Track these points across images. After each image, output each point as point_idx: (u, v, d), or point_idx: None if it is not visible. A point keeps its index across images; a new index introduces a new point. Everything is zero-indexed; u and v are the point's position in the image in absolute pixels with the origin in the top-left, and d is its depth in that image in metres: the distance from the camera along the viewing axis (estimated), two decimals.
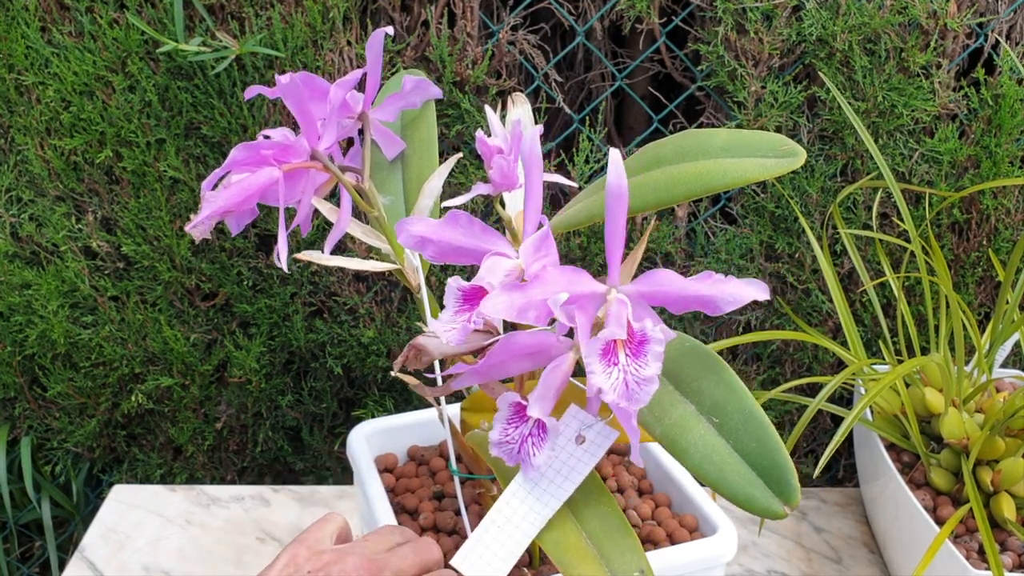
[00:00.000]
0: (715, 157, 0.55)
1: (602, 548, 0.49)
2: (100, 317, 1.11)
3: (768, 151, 0.54)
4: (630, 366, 0.44)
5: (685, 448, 0.47)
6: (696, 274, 0.48)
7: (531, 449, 0.48)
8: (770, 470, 0.46)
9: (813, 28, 0.98)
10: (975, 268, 1.09)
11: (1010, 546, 0.83)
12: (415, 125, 0.71)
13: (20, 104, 1.03)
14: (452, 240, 0.51)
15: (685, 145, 0.58)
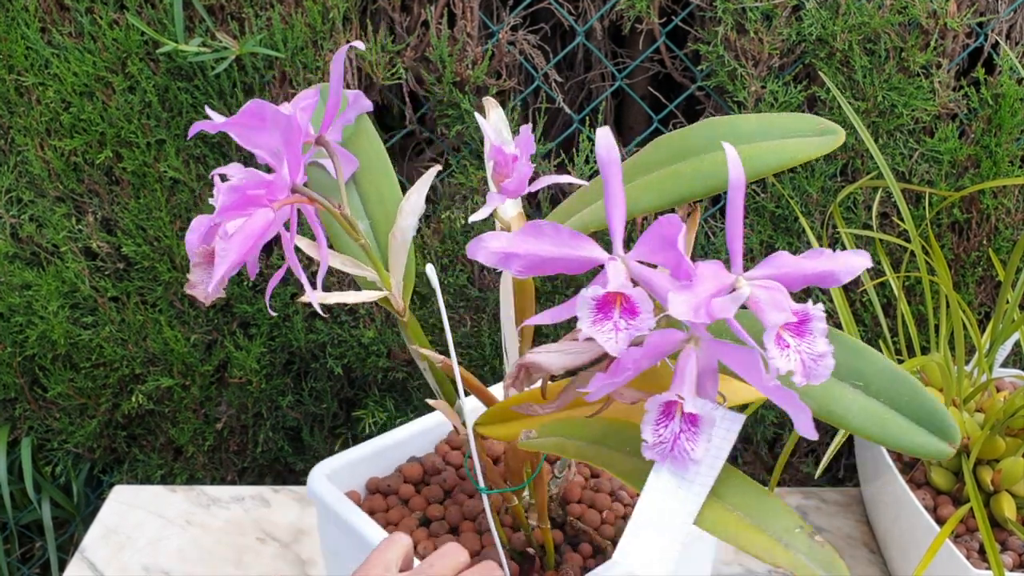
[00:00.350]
0: (751, 142, 0.55)
1: (755, 517, 0.50)
2: (100, 318, 1.11)
3: (805, 131, 0.54)
4: (801, 346, 0.45)
5: (843, 415, 0.50)
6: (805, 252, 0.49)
7: (686, 444, 0.48)
8: (928, 418, 0.50)
9: (813, 28, 0.98)
10: (975, 268, 1.09)
11: (1010, 546, 0.83)
12: (356, 141, 0.67)
13: (20, 105, 1.03)
14: (541, 251, 0.49)
15: (714, 133, 0.57)
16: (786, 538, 0.48)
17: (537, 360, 0.51)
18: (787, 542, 0.48)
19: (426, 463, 0.80)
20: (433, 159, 1.14)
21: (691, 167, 0.56)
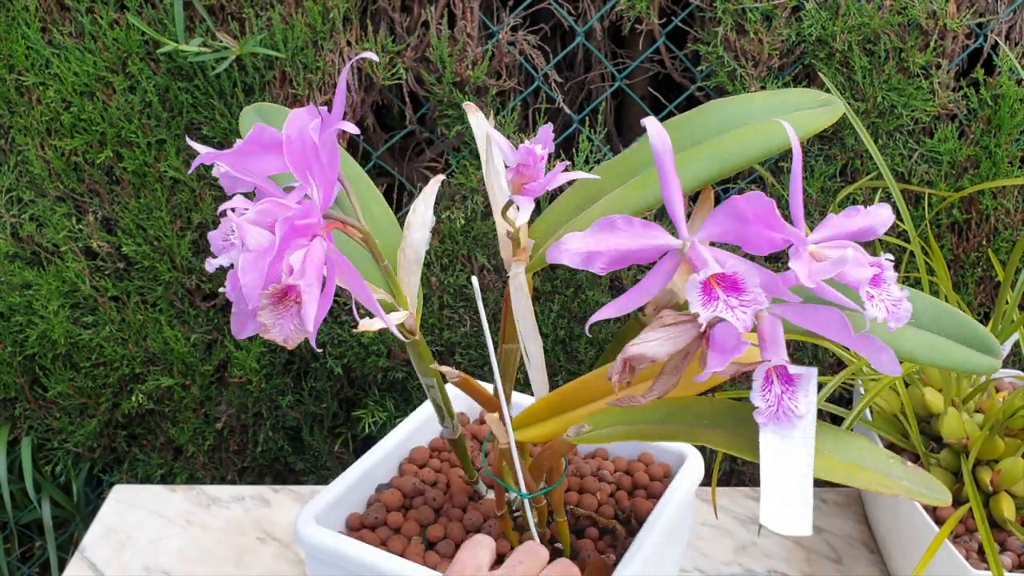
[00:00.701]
0: (765, 117, 0.58)
1: (854, 457, 0.54)
2: (101, 317, 1.11)
3: (809, 104, 0.58)
4: (883, 294, 0.50)
5: (911, 351, 0.55)
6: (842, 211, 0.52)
7: (789, 403, 0.51)
8: (974, 338, 0.55)
9: (813, 28, 0.98)
10: (975, 268, 1.09)
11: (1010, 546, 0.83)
12: None
13: (21, 104, 1.03)
14: (621, 246, 0.50)
15: (726, 114, 0.59)
16: (885, 469, 0.53)
17: (641, 351, 0.52)
18: (888, 472, 0.53)
19: (402, 487, 0.76)
20: (433, 159, 1.14)
21: (708, 150, 0.58)
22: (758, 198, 0.48)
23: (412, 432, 0.81)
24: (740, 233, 0.50)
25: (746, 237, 0.50)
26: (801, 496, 0.51)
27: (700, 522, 1.00)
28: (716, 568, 0.93)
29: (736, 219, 0.50)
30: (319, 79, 1.01)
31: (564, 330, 1.12)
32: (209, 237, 0.51)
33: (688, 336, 0.51)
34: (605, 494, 0.78)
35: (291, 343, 0.50)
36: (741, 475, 1.22)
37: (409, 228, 0.60)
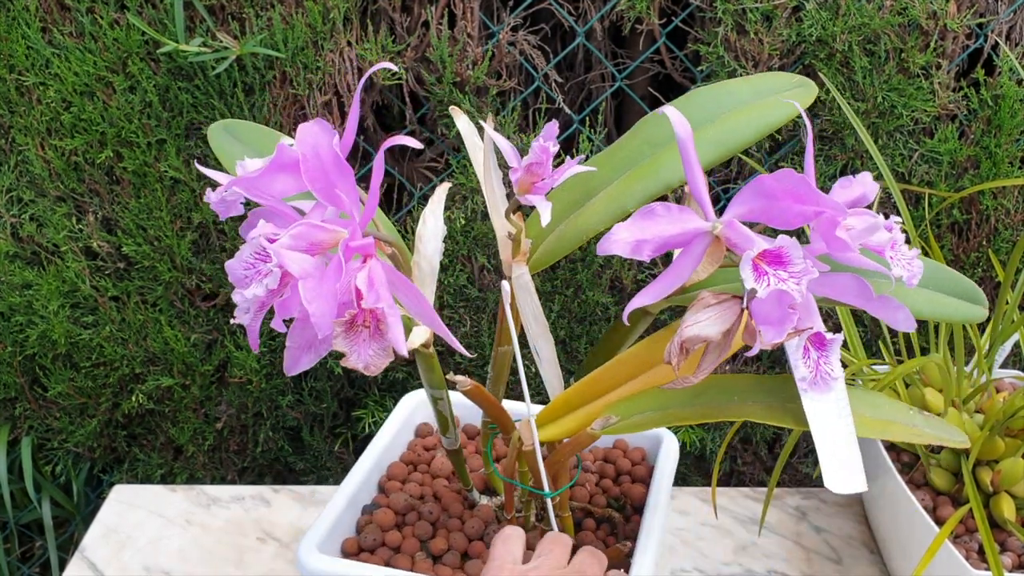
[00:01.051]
0: (750, 103, 0.62)
1: (880, 413, 0.58)
2: (101, 317, 1.11)
3: (787, 86, 0.62)
4: (898, 255, 0.54)
5: (914, 306, 0.57)
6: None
7: (825, 367, 0.54)
8: (964, 291, 0.60)
9: (813, 29, 0.98)
10: (975, 268, 1.09)
11: (1010, 546, 0.83)
12: None
13: (21, 104, 1.03)
14: (664, 232, 0.52)
15: (716, 102, 0.62)
16: (911, 421, 0.58)
17: (696, 332, 0.53)
18: (914, 423, 0.58)
19: (394, 505, 0.75)
20: (433, 159, 1.14)
21: (705, 136, 0.61)
22: (788, 174, 0.50)
23: (384, 450, 0.80)
24: (767, 210, 0.52)
25: (773, 213, 0.52)
26: (853, 455, 0.55)
27: (700, 522, 1.00)
28: (716, 568, 0.93)
29: (765, 196, 0.52)
30: (319, 79, 1.01)
31: (564, 330, 1.12)
32: (227, 268, 0.49)
33: (734, 313, 0.53)
34: (592, 484, 0.79)
35: (373, 369, 0.48)
36: (741, 475, 1.22)
37: (421, 240, 0.60)
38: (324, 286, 0.48)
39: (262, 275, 0.48)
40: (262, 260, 0.48)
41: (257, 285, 0.48)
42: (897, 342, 0.98)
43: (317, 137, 0.50)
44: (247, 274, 0.48)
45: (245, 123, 0.65)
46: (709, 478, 1.21)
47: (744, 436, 1.18)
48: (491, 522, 0.75)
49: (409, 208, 1.11)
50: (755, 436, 1.17)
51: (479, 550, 0.72)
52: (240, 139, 0.65)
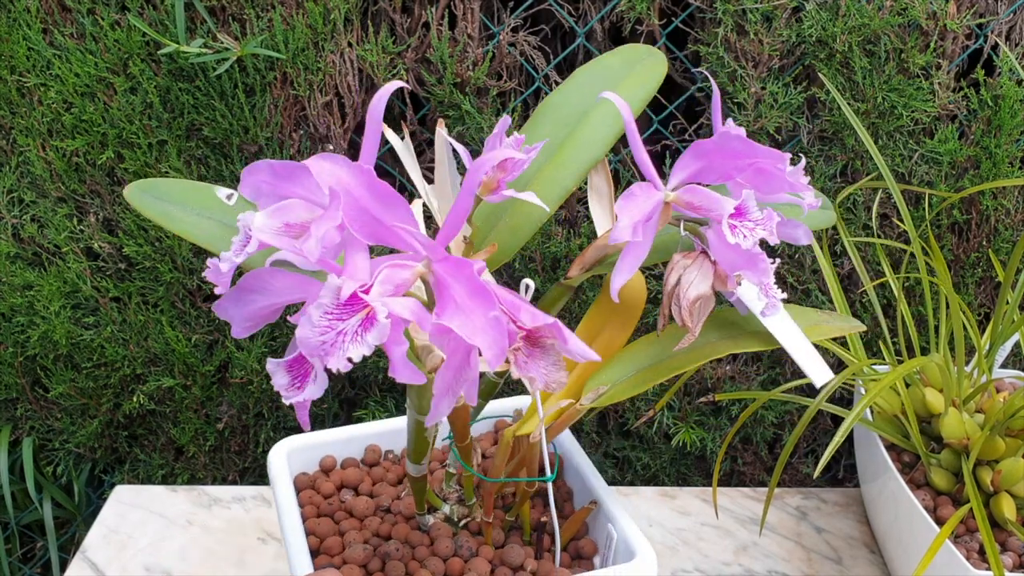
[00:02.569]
0: (627, 75, 0.67)
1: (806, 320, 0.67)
2: (102, 318, 1.11)
3: (644, 57, 0.68)
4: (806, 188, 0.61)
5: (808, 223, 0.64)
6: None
7: (774, 292, 0.58)
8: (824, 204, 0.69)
9: (813, 29, 0.98)
10: (975, 268, 1.10)
11: (1010, 546, 0.83)
12: None
13: (22, 106, 1.03)
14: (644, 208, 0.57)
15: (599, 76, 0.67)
16: (816, 320, 0.68)
17: (697, 292, 0.58)
18: (825, 321, 0.68)
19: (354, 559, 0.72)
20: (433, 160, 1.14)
21: (605, 110, 0.66)
22: (727, 135, 0.56)
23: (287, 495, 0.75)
24: (706, 169, 0.58)
25: (713, 171, 0.58)
26: (815, 353, 0.64)
27: (701, 522, 1.00)
28: (717, 568, 0.93)
29: (705, 157, 0.57)
30: (320, 80, 1.02)
31: None
32: (300, 341, 0.44)
33: (709, 267, 0.58)
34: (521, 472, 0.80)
35: (557, 386, 0.48)
36: (742, 475, 1.22)
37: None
38: (476, 320, 0.45)
39: (357, 334, 0.44)
40: (341, 318, 0.44)
41: (356, 346, 0.44)
42: (898, 342, 0.98)
43: (340, 176, 0.48)
44: (326, 339, 0.44)
45: (165, 181, 0.61)
46: (710, 478, 1.21)
47: (744, 436, 1.18)
48: (458, 536, 0.74)
49: None
50: (755, 436, 1.17)
51: (459, 568, 0.72)
52: (165, 199, 0.61)
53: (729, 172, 0.57)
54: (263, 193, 0.55)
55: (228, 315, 0.51)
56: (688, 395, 1.15)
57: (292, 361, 0.47)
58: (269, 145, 1.04)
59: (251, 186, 0.55)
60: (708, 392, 1.15)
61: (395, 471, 0.82)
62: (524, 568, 0.73)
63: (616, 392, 0.64)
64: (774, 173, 0.57)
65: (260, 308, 0.51)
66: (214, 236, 0.59)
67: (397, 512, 0.77)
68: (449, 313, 0.46)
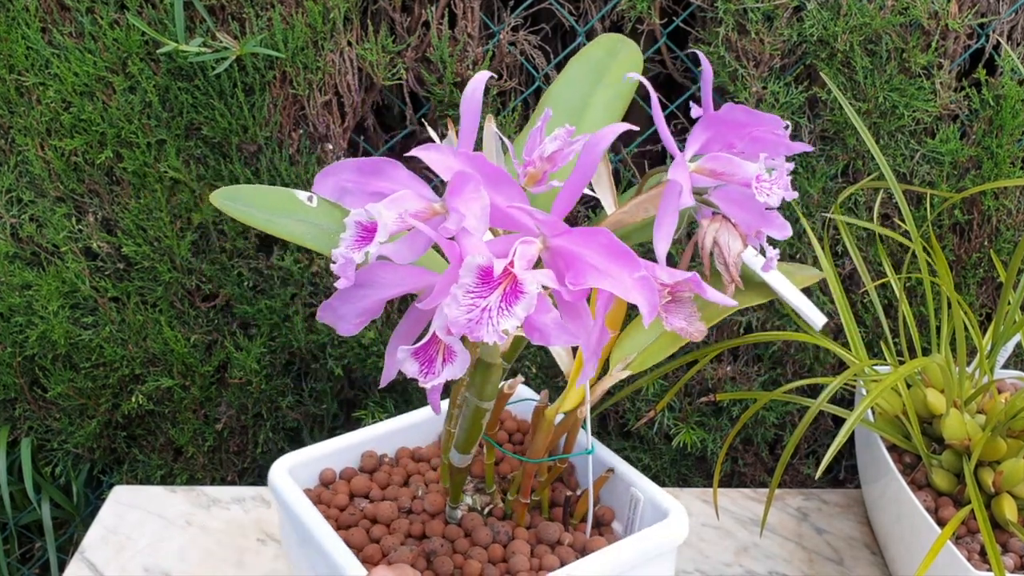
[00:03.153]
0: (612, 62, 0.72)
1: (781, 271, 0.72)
2: (100, 318, 1.11)
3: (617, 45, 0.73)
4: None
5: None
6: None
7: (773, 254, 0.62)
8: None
9: (814, 29, 0.98)
10: (977, 269, 1.09)
11: (1012, 547, 0.82)
12: None
13: (20, 105, 1.03)
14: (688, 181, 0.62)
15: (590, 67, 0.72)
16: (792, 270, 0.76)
17: (737, 248, 0.62)
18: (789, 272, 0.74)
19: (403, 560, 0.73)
20: None
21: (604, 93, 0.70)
22: (732, 107, 0.60)
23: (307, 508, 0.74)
24: (716, 138, 0.61)
25: (721, 139, 0.61)
26: (809, 301, 0.71)
27: (701, 523, 0.99)
28: (718, 569, 0.93)
29: (714, 127, 0.61)
30: (319, 79, 1.01)
31: None
32: (451, 323, 0.47)
33: (730, 227, 0.62)
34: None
35: (698, 335, 0.56)
36: (742, 476, 1.22)
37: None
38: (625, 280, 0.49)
39: (503, 308, 0.47)
40: (483, 296, 0.47)
41: (506, 318, 0.47)
42: (899, 343, 0.98)
43: (450, 164, 0.52)
44: (472, 316, 0.47)
45: (246, 187, 0.64)
46: (710, 479, 1.20)
47: (745, 437, 1.18)
48: (482, 524, 0.75)
49: None
50: (756, 437, 1.17)
51: (502, 553, 0.73)
52: (249, 204, 0.63)
53: (731, 141, 0.61)
54: (349, 191, 0.57)
55: (337, 315, 0.55)
56: (689, 396, 1.15)
57: (418, 349, 0.50)
58: (268, 144, 1.03)
59: (332, 187, 0.58)
60: (709, 393, 1.14)
61: (398, 473, 0.82)
62: (561, 543, 0.75)
63: (644, 358, 0.68)
64: (773, 138, 0.61)
65: (371, 302, 0.54)
66: (302, 234, 0.62)
67: (421, 511, 0.77)
68: (591, 278, 0.50)
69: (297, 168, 1.04)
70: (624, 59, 0.72)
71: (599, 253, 0.50)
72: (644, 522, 0.77)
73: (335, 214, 0.62)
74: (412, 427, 0.86)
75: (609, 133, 0.52)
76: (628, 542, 0.70)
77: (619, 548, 0.70)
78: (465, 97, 0.56)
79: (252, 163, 1.05)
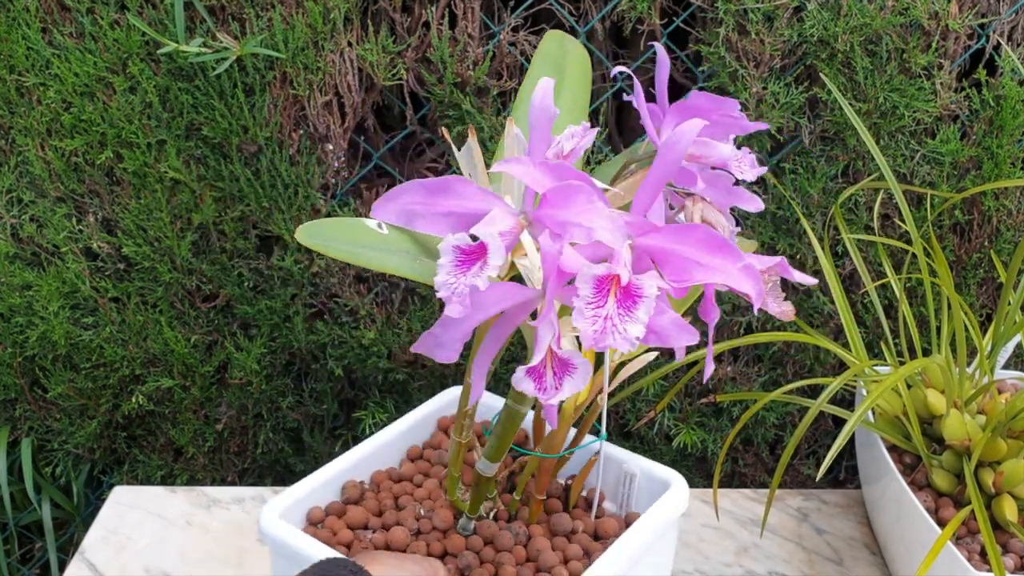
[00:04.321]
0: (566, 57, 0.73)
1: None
2: (101, 318, 1.11)
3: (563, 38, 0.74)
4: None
5: None
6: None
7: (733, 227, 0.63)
8: None
9: (814, 29, 0.98)
10: (977, 269, 1.09)
11: (1012, 548, 0.82)
12: None
13: (21, 105, 1.03)
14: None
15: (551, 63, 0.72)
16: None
17: (709, 215, 0.62)
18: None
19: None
20: (434, 160, 1.14)
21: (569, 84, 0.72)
22: (696, 94, 0.63)
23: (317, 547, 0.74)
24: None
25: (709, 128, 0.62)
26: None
27: (702, 524, 0.99)
28: (718, 570, 0.93)
29: (685, 114, 0.62)
30: (320, 80, 1.01)
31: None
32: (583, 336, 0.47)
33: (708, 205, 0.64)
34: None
35: (788, 316, 0.58)
36: (743, 477, 1.22)
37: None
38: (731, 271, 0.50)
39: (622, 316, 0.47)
40: (600, 304, 0.48)
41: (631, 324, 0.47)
42: (899, 343, 0.98)
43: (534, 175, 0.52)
44: (597, 327, 0.48)
45: (325, 221, 0.65)
46: (710, 480, 1.20)
47: (745, 437, 1.18)
48: (497, 530, 0.75)
49: None
50: (756, 437, 1.17)
51: (525, 554, 0.75)
52: (331, 238, 0.64)
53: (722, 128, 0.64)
54: (418, 214, 0.56)
55: (439, 342, 0.55)
56: (689, 396, 1.15)
57: (530, 369, 0.51)
58: (268, 145, 1.03)
59: (396, 211, 0.57)
60: (709, 393, 1.14)
61: (385, 498, 0.81)
62: (576, 531, 0.77)
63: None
64: (731, 120, 0.64)
65: (471, 324, 0.54)
66: (396, 265, 0.62)
67: (430, 531, 0.77)
68: (696, 273, 0.50)
69: (297, 168, 1.04)
70: (574, 52, 0.73)
71: (698, 248, 0.51)
72: (641, 495, 0.80)
73: (404, 238, 0.62)
74: (383, 447, 0.85)
75: (689, 131, 0.52)
76: (646, 518, 0.74)
77: (640, 526, 0.73)
78: (534, 106, 0.56)
79: (252, 163, 1.05)
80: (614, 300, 0.47)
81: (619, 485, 0.82)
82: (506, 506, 0.79)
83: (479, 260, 0.50)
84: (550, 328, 0.50)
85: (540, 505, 0.78)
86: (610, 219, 0.50)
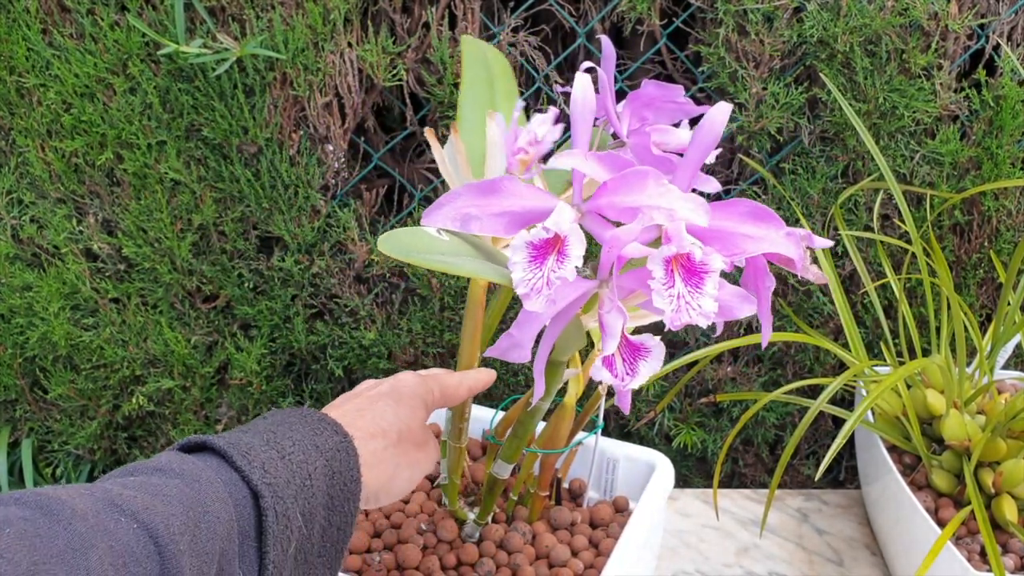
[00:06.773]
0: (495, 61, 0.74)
1: None
2: (101, 319, 1.11)
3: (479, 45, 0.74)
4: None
5: None
6: None
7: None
8: None
9: (814, 29, 0.98)
10: (976, 269, 1.09)
11: (1012, 548, 0.83)
12: None
13: (21, 106, 1.03)
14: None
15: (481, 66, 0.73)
16: None
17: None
18: None
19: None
20: (434, 161, 1.14)
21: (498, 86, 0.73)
22: (649, 83, 0.64)
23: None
24: (643, 109, 0.65)
25: (635, 116, 0.65)
26: None
27: (702, 524, 1.00)
28: (717, 570, 0.93)
29: (642, 102, 0.64)
30: (320, 80, 1.01)
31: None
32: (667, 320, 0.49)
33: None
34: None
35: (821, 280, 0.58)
36: (743, 477, 1.22)
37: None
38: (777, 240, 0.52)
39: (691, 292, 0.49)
40: (671, 284, 0.50)
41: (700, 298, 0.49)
42: (899, 343, 0.98)
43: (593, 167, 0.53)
44: (674, 306, 0.49)
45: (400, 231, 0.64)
46: (710, 480, 1.20)
47: (745, 438, 1.18)
48: (503, 533, 0.76)
49: (410, 210, 1.10)
50: (756, 438, 1.17)
51: (535, 552, 0.76)
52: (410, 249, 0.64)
53: (644, 115, 0.65)
54: (473, 216, 0.57)
55: (514, 342, 0.56)
56: (689, 396, 1.15)
57: (606, 359, 0.52)
58: (269, 145, 1.03)
59: (451, 216, 0.57)
60: (709, 393, 1.14)
61: (377, 518, 0.81)
62: (575, 522, 0.79)
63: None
64: (677, 106, 0.65)
65: (546, 320, 0.56)
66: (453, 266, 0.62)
67: (436, 544, 0.77)
68: (748, 244, 0.52)
69: (297, 169, 1.04)
70: (493, 54, 0.75)
71: (746, 220, 0.52)
72: (626, 479, 0.83)
73: (459, 241, 0.61)
74: None
75: (720, 113, 0.52)
76: (644, 502, 0.77)
77: (641, 511, 0.76)
78: (576, 101, 0.56)
79: (252, 164, 1.05)
80: (680, 279, 0.49)
81: (602, 472, 0.84)
82: (502, 508, 0.79)
83: (551, 254, 0.51)
84: (620, 315, 0.51)
85: (543, 502, 0.78)
86: (691, 199, 0.51)
